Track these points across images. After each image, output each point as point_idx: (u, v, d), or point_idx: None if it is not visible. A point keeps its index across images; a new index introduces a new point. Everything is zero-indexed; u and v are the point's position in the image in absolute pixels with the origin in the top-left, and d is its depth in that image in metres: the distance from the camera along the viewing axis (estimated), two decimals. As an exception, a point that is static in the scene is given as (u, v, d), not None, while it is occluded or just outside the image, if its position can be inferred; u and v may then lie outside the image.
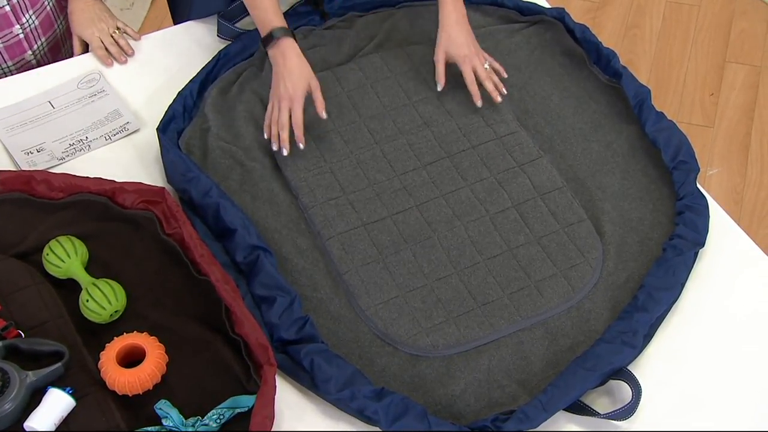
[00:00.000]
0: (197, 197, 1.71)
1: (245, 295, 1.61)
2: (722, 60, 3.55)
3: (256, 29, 1.99)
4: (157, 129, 1.82)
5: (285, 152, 1.78)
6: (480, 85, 1.89)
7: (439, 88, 1.90)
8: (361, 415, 1.48)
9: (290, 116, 1.79)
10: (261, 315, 1.59)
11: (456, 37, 1.87)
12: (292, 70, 1.80)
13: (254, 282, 1.62)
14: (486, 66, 1.89)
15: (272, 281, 1.60)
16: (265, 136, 1.82)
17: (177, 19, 2.17)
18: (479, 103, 1.87)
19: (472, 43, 1.89)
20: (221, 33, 2.05)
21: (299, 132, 1.78)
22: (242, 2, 2.04)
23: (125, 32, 2.06)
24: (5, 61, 2.02)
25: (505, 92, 1.88)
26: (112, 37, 2.03)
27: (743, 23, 3.67)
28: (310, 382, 1.51)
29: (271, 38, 1.81)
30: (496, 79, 1.89)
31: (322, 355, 1.51)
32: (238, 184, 1.79)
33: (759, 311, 1.65)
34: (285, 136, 1.78)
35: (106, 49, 2.02)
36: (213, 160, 1.83)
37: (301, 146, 1.79)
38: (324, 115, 1.81)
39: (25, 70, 2.03)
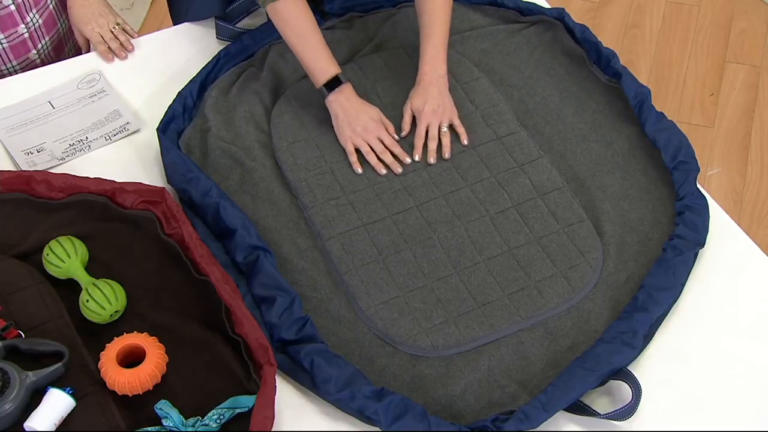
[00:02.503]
0: (197, 197, 1.71)
1: (245, 295, 1.61)
2: (722, 60, 3.55)
3: (256, 29, 2.00)
4: (157, 129, 1.82)
5: (400, 169, 1.82)
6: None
7: (402, 134, 1.88)
8: (361, 415, 1.48)
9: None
10: (261, 315, 1.59)
11: (424, 94, 1.87)
12: (361, 108, 1.86)
13: (254, 282, 1.62)
14: (444, 128, 1.86)
15: (272, 281, 1.60)
16: (359, 171, 1.81)
17: (176, 20, 2.17)
18: (416, 157, 1.84)
19: (438, 102, 1.87)
20: (221, 35, 2.05)
21: (399, 149, 1.84)
22: (240, 5, 2.04)
23: (124, 29, 2.06)
24: (10, 61, 2.02)
25: (447, 156, 1.84)
26: (112, 32, 2.03)
27: (743, 23, 3.68)
28: (310, 382, 1.51)
29: (337, 84, 1.84)
30: (445, 141, 1.85)
31: (322, 355, 1.51)
32: (238, 185, 1.80)
33: (759, 311, 1.65)
34: (390, 158, 1.83)
35: (107, 45, 2.03)
36: (213, 161, 1.83)
37: (408, 160, 1.83)
38: (396, 136, 1.87)
39: (29, 70, 2.03)
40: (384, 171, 1.82)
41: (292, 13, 1.82)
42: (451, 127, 1.87)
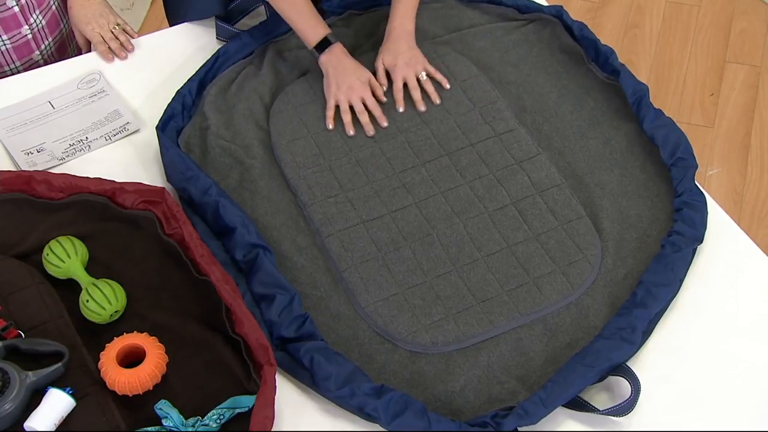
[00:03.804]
0: (197, 196, 1.71)
1: (245, 293, 1.61)
2: (722, 60, 3.55)
3: (255, 27, 2.00)
4: (156, 128, 1.82)
5: (372, 132, 1.87)
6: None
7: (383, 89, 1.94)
8: (361, 412, 1.48)
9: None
10: (261, 313, 1.59)
11: (393, 49, 1.94)
12: (351, 67, 1.91)
13: (254, 280, 1.62)
14: (423, 75, 1.92)
15: (272, 279, 1.60)
16: (330, 127, 1.87)
17: (172, 21, 2.17)
18: (400, 108, 1.90)
19: (410, 55, 1.93)
20: (220, 35, 2.05)
21: (379, 112, 1.89)
22: (239, 5, 2.04)
23: (124, 29, 2.07)
24: (13, 62, 2.03)
25: (438, 102, 1.91)
26: (112, 32, 2.04)
27: (743, 23, 3.68)
28: (309, 379, 1.51)
29: (327, 44, 1.90)
30: (430, 88, 1.92)
31: (322, 352, 1.51)
32: (237, 182, 1.80)
33: (758, 309, 1.65)
34: (367, 119, 1.88)
35: (108, 45, 2.03)
36: (212, 159, 1.83)
37: (385, 124, 1.88)
38: (384, 99, 1.92)
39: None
40: (352, 132, 1.86)
41: None
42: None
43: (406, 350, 1.58)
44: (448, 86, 1.93)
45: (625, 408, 1.47)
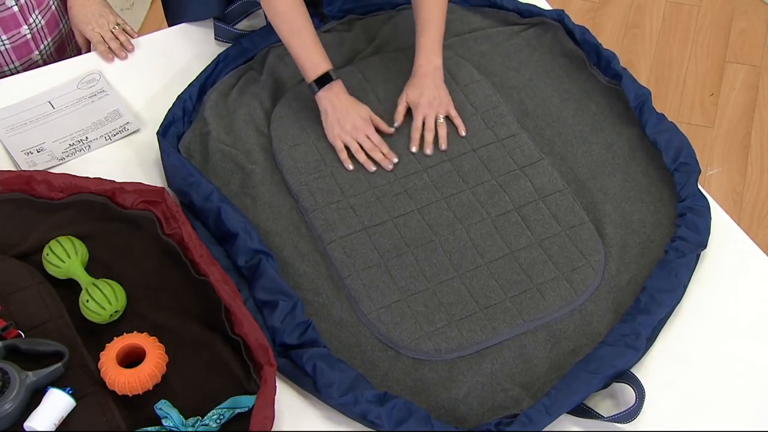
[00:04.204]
0: (198, 201, 1.70)
1: (247, 300, 1.61)
2: (722, 60, 3.55)
3: (256, 32, 1.99)
4: (157, 133, 1.82)
5: (391, 166, 1.82)
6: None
7: (395, 125, 1.89)
8: (364, 419, 1.48)
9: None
10: (263, 319, 1.59)
11: (419, 86, 1.89)
12: (350, 106, 1.86)
13: (256, 286, 1.61)
14: (441, 119, 1.88)
15: (274, 285, 1.60)
16: (350, 168, 1.82)
17: (171, 21, 2.16)
18: (413, 149, 1.86)
19: (435, 95, 1.89)
20: (219, 36, 2.05)
21: (386, 148, 1.84)
22: (239, 7, 2.04)
23: (124, 29, 2.06)
24: (12, 62, 2.02)
25: (444, 147, 1.85)
26: (112, 32, 2.03)
27: (743, 23, 3.67)
28: (312, 386, 1.51)
29: (327, 80, 1.84)
30: (442, 133, 1.87)
31: (325, 359, 1.51)
32: (238, 188, 1.79)
33: (761, 312, 1.65)
34: (380, 155, 1.84)
35: (107, 45, 2.02)
36: (214, 164, 1.82)
37: (396, 159, 1.83)
38: (392, 131, 1.88)
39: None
40: (373, 168, 1.82)
41: (287, 6, 1.83)
42: (447, 118, 1.89)
43: (409, 357, 1.58)
44: (463, 133, 1.87)
45: (629, 415, 1.47)
